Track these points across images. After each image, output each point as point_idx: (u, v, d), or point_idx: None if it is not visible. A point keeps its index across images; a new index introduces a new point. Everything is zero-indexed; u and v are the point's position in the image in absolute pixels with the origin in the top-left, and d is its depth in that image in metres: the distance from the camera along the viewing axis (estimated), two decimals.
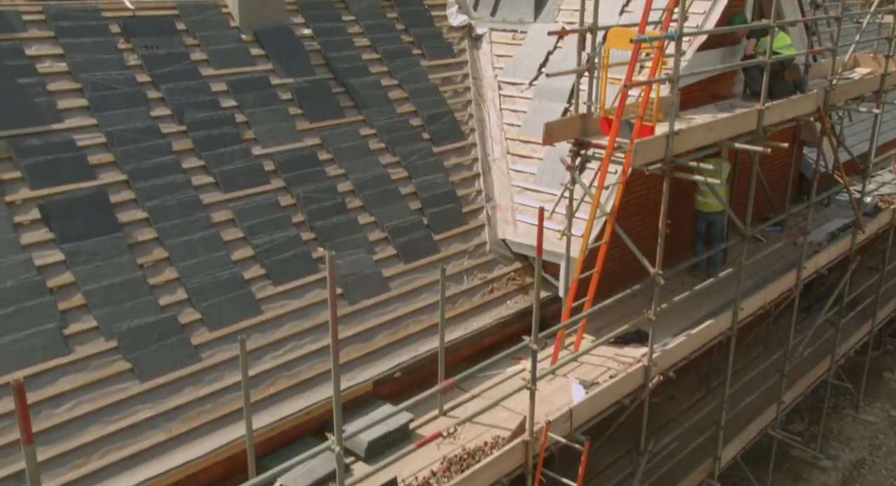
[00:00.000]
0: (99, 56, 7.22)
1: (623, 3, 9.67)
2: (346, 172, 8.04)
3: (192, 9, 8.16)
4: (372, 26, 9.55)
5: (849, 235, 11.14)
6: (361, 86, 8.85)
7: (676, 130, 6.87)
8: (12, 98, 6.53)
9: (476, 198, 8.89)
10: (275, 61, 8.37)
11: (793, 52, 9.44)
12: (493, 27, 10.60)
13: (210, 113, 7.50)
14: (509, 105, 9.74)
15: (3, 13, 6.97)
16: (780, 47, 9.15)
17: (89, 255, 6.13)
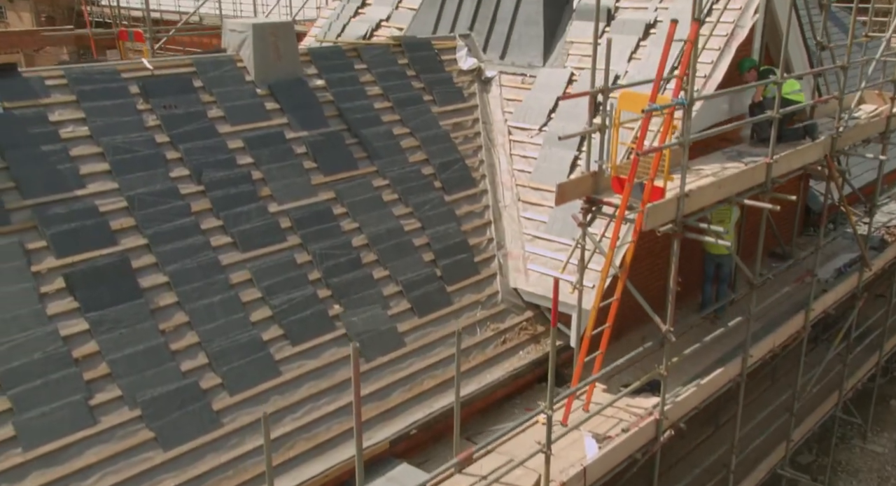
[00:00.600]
0: (119, 118, 7.37)
1: (631, 50, 9.81)
2: (361, 225, 8.17)
3: (209, 65, 8.31)
4: (384, 74, 9.69)
5: (856, 273, 11.24)
6: (374, 136, 8.99)
7: (687, 192, 6.99)
8: (37, 166, 6.68)
9: (488, 246, 9.01)
10: (289, 115, 8.52)
11: (802, 98, 9.55)
12: (502, 70, 10.74)
13: (227, 171, 7.65)
14: (519, 151, 9.87)
15: (27, 80, 7.13)
16: (788, 93, 9.26)
17: (113, 323, 6.26)
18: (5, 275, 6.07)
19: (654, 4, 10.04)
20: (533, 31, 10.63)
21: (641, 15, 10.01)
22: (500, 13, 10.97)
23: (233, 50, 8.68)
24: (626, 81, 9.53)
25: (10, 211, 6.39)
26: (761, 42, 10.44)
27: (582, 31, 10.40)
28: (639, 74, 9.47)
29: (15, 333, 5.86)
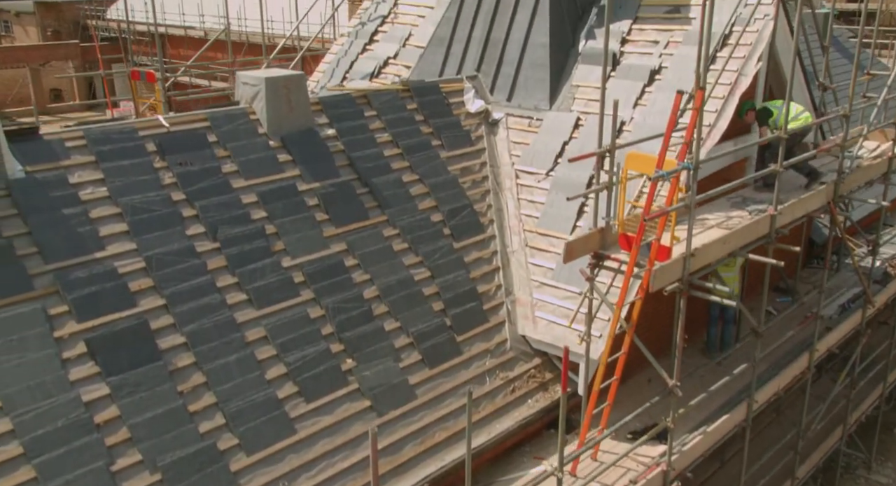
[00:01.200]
0: (137, 178, 7.54)
1: (637, 97, 9.96)
2: (372, 276, 8.33)
3: (223, 119, 8.48)
4: (393, 120, 9.86)
5: (860, 309, 11.36)
6: (384, 185, 9.15)
7: (692, 251, 7.14)
8: (58, 230, 6.85)
9: (496, 293, 9.16)
10: (301, 166, 8.68)
11: (809, 118, 9.66)
12: (509, 113, 10.90)
13: (242, 228, 7.81)
14: (527, 195, 10.03)
15: (48, 142, 7.31)
16: (795, 115, 9.38)
17: (133, 386, 6.42)
18: (29, 341, 6.23)
19: (659, 50, 10.20)
20: (539, 74, 10.79)
21: (646, 61, 10.17)
22: (507, 55, 11.14)
23: (245, 102, 8.86)
24: (632, 127, 9.70)
25: (33, 276, 6.56)
26: (765, 86, 10.60)
27: (588, 75, 10.57)
28: (644, 121, 9.63)
29: (40, 400, 6.02)
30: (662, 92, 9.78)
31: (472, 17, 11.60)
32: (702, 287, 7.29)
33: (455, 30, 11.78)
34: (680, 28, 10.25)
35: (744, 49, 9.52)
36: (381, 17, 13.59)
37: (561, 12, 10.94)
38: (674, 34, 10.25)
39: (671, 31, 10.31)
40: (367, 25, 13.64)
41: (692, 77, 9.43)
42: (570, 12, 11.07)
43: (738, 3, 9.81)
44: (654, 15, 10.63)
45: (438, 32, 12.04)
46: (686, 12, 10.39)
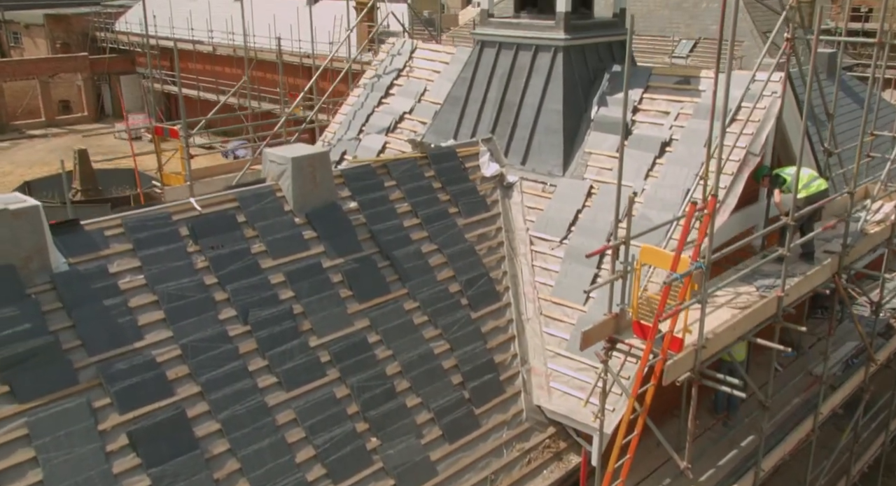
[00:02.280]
0: (172, 264, 7.88)
1: (648, 168, 10.29)
2: (394, 352, 8.67)
3: (251, 199, 8.83)
4: (412, 189, 10.20)
5: (863, 366, 11.68)
6: (404, 257, 9.49)
7: (704, 342, 7.47)
8: (100, 322, 7.19)
9: (512, 362, 9.50)
10: (326, 242, 9.02)
11: (823, 185, 9.98)
12: (523, 176, 11.23)
13: (271, 309, 8.15)
14: (541, 262, 10.36)
15: (88, 233, 7.65)
16: (807, 182, 9.73)
17: (172, 477, 6.76)
18: (76, 436, 6.57)
19: (670, 122, 10.53)
20: (553, 140, 11.12)
21: (657, 132, 10.50)
22: (521, 119, 11.47)
23: (272, 179, 9.20)
24: (644, 198, 10.03)
25: (78, 370, 6.90)
26: (773, 154, 10.92)
27: (600, 142, 10.90)
28: (655, 195, 9.96)
29: None
30: (673, 165, 10.11)
31: (488, 79, 11.92)
32: (713, 377, 7.62)
33: (470, 90, 12.11)
34: (690, 100, 10.58)
35: (752, 126, 9.85)
36: (397, 71, 13.94)
37: (574, 78, 11.27)
38: (684, 106, 10.58)
39: (681, 102, 10.65)
40: (382, 78, 13.98)
41: (702, 152, 9.85)
42: (582, 78, 11.40)
43: (748, 80, 10.13)
44: (664, 85, 10.96)
45: (454, 92, 12.38)
46: (696, 84, 10.73)
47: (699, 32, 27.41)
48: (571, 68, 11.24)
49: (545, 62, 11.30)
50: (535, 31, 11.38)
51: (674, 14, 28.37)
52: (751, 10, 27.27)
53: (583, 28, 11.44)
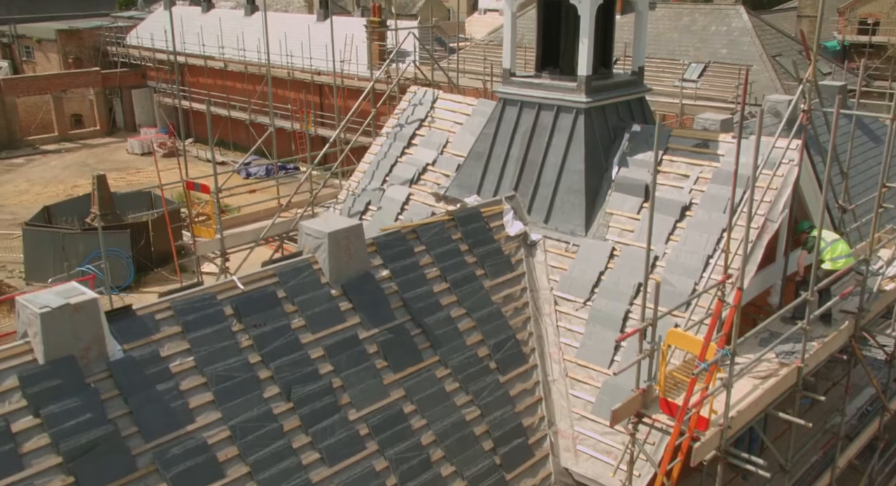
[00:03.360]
0: (218, 344, 8.26)
1: (669, 231, 10.63)
2: (429, 421, 9.03)
3: (290, 274, 9.20)
4: (441, 254, 10.56)
5: (878, 416, 12.01)
6: (435, 323, 9.86)
7: (729, 422, 7.82)
8: (155, 407, 7.57)
9: (540, 425, 9.86)
10: (361, 313, 9.39)
11: (851, 261, 10.32)
12: (546, 235, 11.58)
13: (312, 385, 8.52)
14: (565, 323, 10.71)
15: (141, 317, 8.03)
16: (836, 256, 10.08)
17: None
18: None
19: (689, 185, 10.86)
20: (575, 200, 11.47)
21: (677, 195, 10.83)
22: (544, 178, 11.81)
23: (308, 252, 9.57)
24: (665, 262, 10.37)
25: (136, 456, 7.28)
26: (789, 213, 11.24)
27: (621, 204, 11.24)
28: (676, 259, 10.30)
29: None
30: (693, 230, 10.44)
31: (510, 137, 12.27)
32: (738, 455, 7.97)
33: (493, 147, 12.46)
34: (709, 164, 10.92)
35: (771, 193, 10.18)
36: (419, 121, 14.30)
37: (595, 139, 11.61)
38: (703, 170, 10.92)
39: (700, 165, 10.98)
40: (405, 128, 14.35)
41: (722, 218, 10.22)
42: (603, 138, 11.75)
43: (767, 147, 10.44)
44: (683, 147, 11.30)
45: (477, 147, 12.72)
46: (714, 148, 11.06)
47: (708, 56, 27.71)
48: (593, 129, 11.58)
49: (567, 123, 11.64)
50: (557, 92, 11.72)
51: (683, 37, 28.67)
52: (759, 34, 27.57)
53: (603, 89, 11.78)
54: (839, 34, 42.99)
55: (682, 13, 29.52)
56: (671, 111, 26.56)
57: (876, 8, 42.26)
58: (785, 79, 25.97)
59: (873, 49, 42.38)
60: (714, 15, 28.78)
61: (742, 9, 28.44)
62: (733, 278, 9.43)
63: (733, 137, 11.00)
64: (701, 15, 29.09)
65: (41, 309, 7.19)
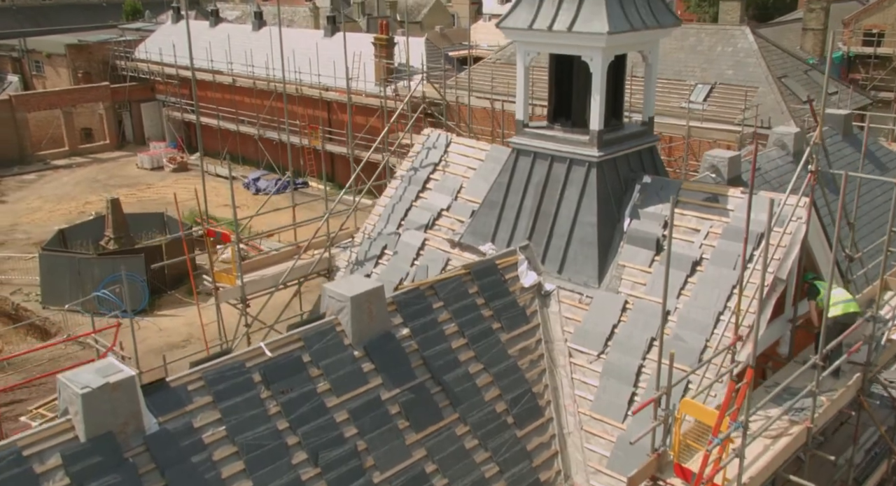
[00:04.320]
0: (248, 413, 8.58)
1: (680, 287, 10.90)
2: (450, 480, 9.34)
3: (314, 337, 9.52)
4: (458, 310, 10.86)
5: (885, 459, 12.27)
6: (454, 380, 10.16)
7: None
8: (190, 479, 7.89)
9: (556, 479, 10.16)
10: (383, 374, 9.70)
11: (856, 307, 10.62)
12: (560, 286, 11.87)
13: (338, 449, 8.84)
14: (580, 375, 11.00)
15: (174, 389, 8.36)
16: (839, 302, 10.38)
17: None
18: None
19: (700, 240, 11.14)
20: (588, 252, 11.76)
21: (688, 250, 11.11)
22: (557, 229, 12.10)
23: (331, 314, 9.88)
24: (677, 317, 10.66)
25: None
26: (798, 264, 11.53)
27: (633, 256, 11.52)
28: (688, 315, 10.58)
29: None
30: (704, 285, 10.73)
31: (524, 187, 12.56)
32: None
33: (507, 196, 12.76)
34: (718, 219, 11.19)
35: (780, 251, 10.45)
36: (433, 165, 14.61)
37: (607, 192, 11.90)
38: (713, 224, 11.19)
39: (710, 220, 11.25)
40: (419, 172, 14.66)
41: (732, 274, 10.50)
42: (615, 190, 12.03)
43: (776, 204, 10.70)
44: (693, 200, 11.57)
45: (491, 196, 13.02)
46: (724, 202, 11.33)
47: (714, 77, 27.95)
48: (605, 182, 11.87)
49: (579, 176, 11.93)
50: (570, 145, 12.01)
51: (689, 57, 28.91)
52: (765, 55, 27.79)
53: (615, 141, 12.07)
54: (844, 45, 43.15)
55: (688, 33, 29.76)
56: (678, 133, 26.84)
57: (881, 19, 42.40)
58: (791, 101, 26.19)
59: (878, 60, 42.57)
60: (720, 35, 29.00)
61: (748, 29, 28.66)
62: (744, 337, 9.75)
63: (742, 192, 11.28)
64: (707, 35, 29.31)
65: (82, 389, 7.52)
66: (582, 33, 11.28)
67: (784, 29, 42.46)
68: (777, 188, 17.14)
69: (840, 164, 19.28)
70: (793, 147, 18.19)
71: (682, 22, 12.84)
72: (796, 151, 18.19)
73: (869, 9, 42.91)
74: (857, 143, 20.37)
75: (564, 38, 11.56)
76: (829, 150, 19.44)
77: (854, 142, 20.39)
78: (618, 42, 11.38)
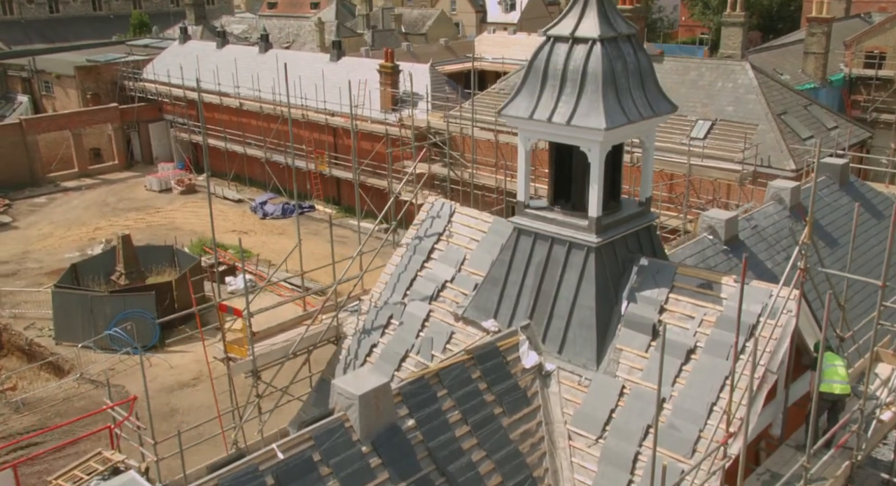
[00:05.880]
0: None
1: (675, 374, 11.31)
2: None
3: (324, 435, 9.97)
4: (462, 397, 11.30)
5: None
6: (458, 470, 10.61)
7: None
8: None
9: None
10: (390, 468, 10.15)
11: (847, 390, 11.07)
12: (560, 366, 12.29)
13: None
14: (579, 459, 11.44)
15: None
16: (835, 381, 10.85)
17: None
18: None
19: (694, 328, 11.55)
20: (586, 334, 12.18)
21: (682, 337, 11.51)
22: (557, 310, 12.52)
23: (340, 410, 10.34)
24: (672, 405, 11.08)
25: None
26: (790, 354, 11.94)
27: (630, 340, 11.94)
28: (682, 404, 11.00)
29: None
30: (698, 374, 11.14)
31: (525, 267, 12.98)
32: None
33: (509, 274, 13.18)
34: (713, 307, 11.59)
35: (771, 343, 10.85)
36: (437, 235, 15.05)
37: (605, 275, 12.31)
38: (707, 312, 11.59)
39: (705, 308, 11.66)
40: (423, 241, 15.09)
41: (724, 365, 10.92)
42: (612, 272, 12.45)
43: (767, 295, 11.12)
44: (688, 286, 11.98)
45: (494, 273, 13.45)
46: (718, 290, 11.73)
47: (715, 113, 28.30)
48: (603, 266, 12.28)
49: (578, 260, 12.34)
50: (569, 229, 12.41)
51: (690, 92, 29.27)
52: (765, 91, 28.14)
53: (613, 225, 12.47)
54: (846, 67, 43.40)
55: (689, 67, 30.12)
56: (679, 170, 27.21)
57: (882, 41, 42.63)
58: (790, 140, 26.54)
59: (880, 82, 42.82)
60: (720, 70, 29.36)
61: (748, 65, 29.01)
62: (736, 431, 10.18)
63: (735, 280, 11.68)
64: (708, 70, 29.67)
65: None
66: (580, 127, 11.69)
67: (785, 51, 42.78)
68: (773, 245, 17.60)
69: (836, 215, 19.68)
70: (790, 201, 18.56)
71: (677, 107, 13.24)
72: (793, 204, 18.57)
73: (870, 31, 43.15)
74: (854, 191, 20.74)
75: (564, 130, 11.97)
76: (825, 200, 19.85)
77: (851, 191, 20.75)
78: (615, 135, 11.80)
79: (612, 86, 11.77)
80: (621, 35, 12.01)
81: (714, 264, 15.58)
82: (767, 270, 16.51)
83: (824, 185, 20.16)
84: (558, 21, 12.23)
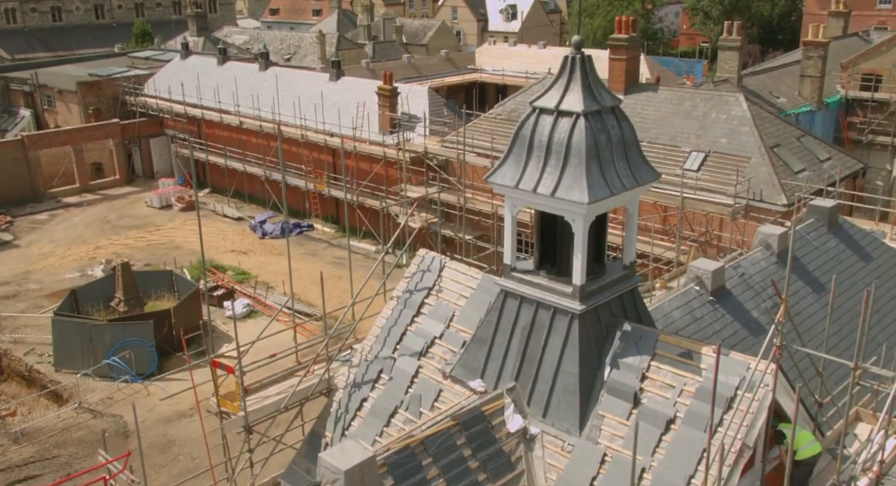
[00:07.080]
0: None
1: (655, 443, 11.58)
2: None
3: None
4: (447, 465, 11.59)
5: None
6: None
7: None
8: None
9: None
10: None
11: (818, 449, 11.37)
12: (544, 430, 12.57)
13: None
14: None
15: None
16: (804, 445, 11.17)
17: None
18: None
19: (674, 398, 11.81)
20: (570, 399, 12.45)
21: (662, 407, 11.78)
22: (542, 374, 12.79)
23: (327, 483, 10.62)
24: (651, 475, 11.36)
25: None
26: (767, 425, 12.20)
27: (613, 407, 12.20)
28: (661, 477, 11.27)
29: None
30: (677, 445, 11.41)
31: (511, 329, 13.25)
32: None
33: (495, 336, 13.46)
34: (693, 377, 11.86)
35: (749, 417, 11.12)
36: (427, 289, 15.33)
37: (589, 341, 12.58)
38: (687, 382, 11.86)
39: (685, 378, 11.93)
40: (414, 295, 15.37)
41: (702, 437, 11.17)
42: (596, 337, 12.72)
43: (745, 367, 11.39)
44: (669, 354, 12.25)
45: (481, 333, 13.72)
46: (698, 360, 12.00)
47: (709, 145, 28.55)
48: (587, 332, 12.55)
49: (563, 326, 12.61)
50: (554, 295, 12.67)
51: (684, 123, 29.53)
52: (758, 123, 28.39)
53: (597, 291, 12.73)
54: (842, 89, 43.64)
55: (683, 98, 30.38)
56: (672, 203, 27.47)
57: (878, 64, 42.86)
58: (782, 173, 26.80)
59: (876, 104, 43.05)
60: (714, 101, 29.61)
61: (741, 96, 29.26)
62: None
63: (713, 350, 11.93)
64: (702, 101, 29.93)
65: None
66: (564, 199, 11.97)
67: (782, 73, 43.02)
68: (760, 293, 17.83)
69: (824, 258, 19.92)
70: (777, 247, 18.82)
71: (661, 175, 13.52)
72: (780, 250, 18.82)
73: (867, 53, 43.38)
74: (842, 234, 20.97)
75: (548, 201, 12.24)
76: (813, 244, 20.09)
77: (840, 233, 20.99)
78: (598, 207, 12.07)
79: (595, 159, 12.04)
80: (605, 108, 12.29)
81: (700, 316, 15.86)
82: (753, 319, 16.77)
83: (812, 228, 20.41)
84: (544, 93, 12.50)
